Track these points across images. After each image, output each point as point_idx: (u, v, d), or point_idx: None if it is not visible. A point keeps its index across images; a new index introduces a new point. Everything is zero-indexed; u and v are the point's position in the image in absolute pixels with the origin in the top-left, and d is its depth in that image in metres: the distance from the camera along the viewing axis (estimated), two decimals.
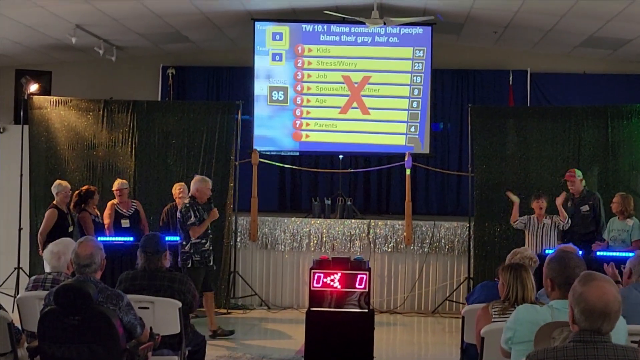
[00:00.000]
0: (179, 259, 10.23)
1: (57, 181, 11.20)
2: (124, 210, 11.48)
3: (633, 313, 4.65)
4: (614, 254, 9.93)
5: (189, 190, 11.24)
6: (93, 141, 13.20)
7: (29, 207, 12.79)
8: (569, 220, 11.04)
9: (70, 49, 13.70)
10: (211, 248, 10.42)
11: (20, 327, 6.42)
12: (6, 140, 14.26)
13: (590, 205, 11.29)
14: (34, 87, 13.49)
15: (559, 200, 11.09)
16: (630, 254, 7.43)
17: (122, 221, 11.43)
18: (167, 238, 7.96)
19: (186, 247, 10.21)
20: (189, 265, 10.19)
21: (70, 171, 12.90)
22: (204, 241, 10.25)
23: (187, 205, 10.27)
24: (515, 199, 11.35)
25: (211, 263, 10.39)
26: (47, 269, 6.84)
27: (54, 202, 10.83)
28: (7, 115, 14.73)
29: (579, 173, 11.43)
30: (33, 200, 12.76)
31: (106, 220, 11.28)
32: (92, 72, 15.13)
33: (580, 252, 7.28)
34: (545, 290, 5.00)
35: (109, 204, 11.45)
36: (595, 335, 3.76)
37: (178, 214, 10.39)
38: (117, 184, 11.57)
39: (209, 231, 10.42)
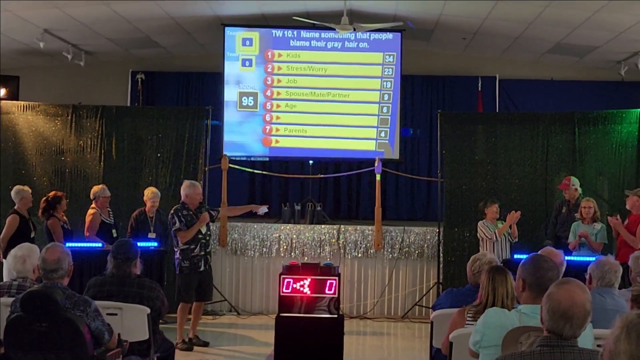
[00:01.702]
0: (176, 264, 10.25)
1: (18, 186, 11.02)
2: (109, 219, 11.31)
3: (597, 318, 4.68)
4: (582, 258, 10.00)
5: (160, 196, 11.25)
6: (61, 147, 13.11)
7: None
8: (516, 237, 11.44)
9: (38, 53, 13.64)
10: (202, 253, 10.26)
11: None
12: None
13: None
14: (1, 92, 13.42)
15: (514, 218, 11.32)
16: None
17: (113, 231, 11.22)
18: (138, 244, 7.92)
19: (177, 254, 10.19)
20: (178, 272, 10.20)
21: (38, 177, 12.80)
22: (192, 246, 10.13)
23: (173, 211, 10.23)
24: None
25: (202, 268, 10.23)
26: (6, 277, 6.79)
27: (15, 207, 10.70)
28: None
29: (574, 181, 11.57)
30: (1, 206, 12.64)
31: (90, 232, 10.91)
32: (60, 77, 15.08)
33: (566, 257, 7.35)
34: (516, 292, 5.05)
35: (94, 213, 11.04)
36: (561, 339, 3.81)
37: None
38: (105, 190, 11.29)
39: (200, 236, 10.26)
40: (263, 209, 11.43)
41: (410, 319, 12.79)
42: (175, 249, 10.23)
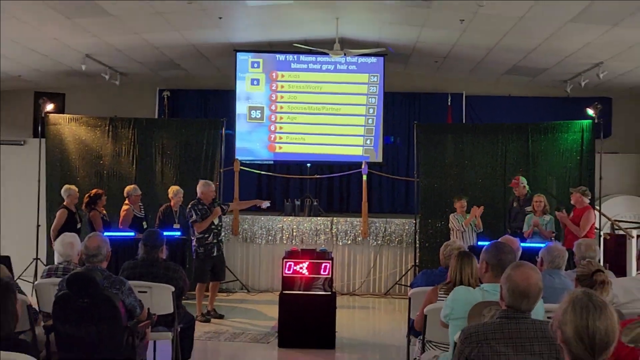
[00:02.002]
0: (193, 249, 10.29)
1: (66, 186, 11.03)
2: (140, 213, 11.20)
3: (547, 294, 4.70)
4: (535, 244, 9.99)
5: (183, 193, 11.23)
6: (100, 152, 13.11)
7: (46, 208, 12.70)
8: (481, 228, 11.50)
9: (80, 74, 13.62)
10: (215, 241, 10.25)
11: (37, 309, 6.38)
12: (26, 152, 14.15)
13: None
14: (50, 107, 13.40)
15: (478, 212, 11.38)
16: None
17: (143, 223, 11.11)
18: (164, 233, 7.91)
19: (194, 242, 10.20)
20: (195, 257, 10.22)
21: (80, 177, 12.78)
22: (207, 235, 10.14)
23: (190, 205, 10.23)
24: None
25: (215, 254, 10.22)
26: (57, 260, 6.81)
27: (64, 203, 10.69)
28: (27, 131, 14.63)
29: (523, 180, 11.53)
30: (49, 202, 12.63)
31: (123, 224, 10.83)
32: (99, 94, 15.04)
33: (521, 244, 7.35)
34: (479, 272, 5.06)
35: (127, 209, 10.97)
36: (517, 312, 3.82)
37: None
38: (136, 189, 11.19)
39: (213, 226, 10.23)
40: (266, 203, 11.45)
41: (391, 296, 12.79)
42: (192, 238, 10.24)
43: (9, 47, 12.09)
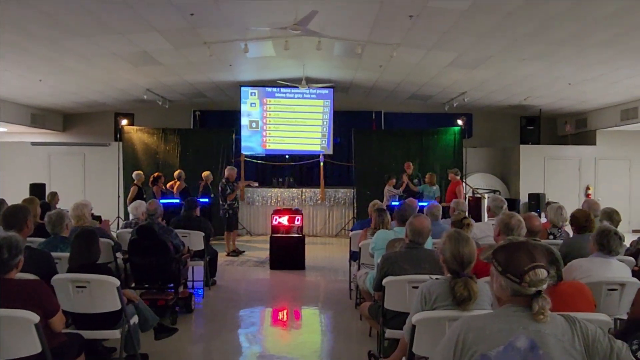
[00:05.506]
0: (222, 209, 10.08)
1: (136, 171, 10.92)
2: (185, 186, 11.08)
3: (434, 233, 4.76)
4: (424, 203, 10.06)
5: (213, 177, 11.09)
6: (156, 150, 12.97)
7: (123, 185, 12.55)
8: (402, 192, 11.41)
9: (143, 101, 13.40)
10: (237, 205, 10.13)
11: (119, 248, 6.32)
12: (110, 150, 13.92)
13: (418, 180, 11.51)
14: (124, 122, 13.22)
15: (402, 186, 11.35)
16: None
17: (189, 191, 10.99)
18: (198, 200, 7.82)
19: (225, 206, 9.99)
20: (227, 216, 10.01)
21: (144, 166, 12.59)
22: (233, 202, 10.01)
23: (222, 183, 10.05)
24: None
25: (237, 214, 10.14)
26: (130, 218, 6.74)
27: (135, 182, 10.53)
28: (110, 137, 14.36)
29: (410, 164, 11.60)
30: (125, 182, 12.49)
31: (175, 191, 10.71)
32: (155, 113, 14.76)
33: (419, 203, 7.42)
34: (393, 220, 5.10)
35: (180, 183, 10.75)
36: (415, 244, 3.85)
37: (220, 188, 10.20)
38: (181, 172, 10.93)
39: (237, 195, 10.13)
40: (255, 184, 11.92)
41: (339, 237, 12.86)
42: (223, 203, 10.04)
43: (99, 85, 11.86)
